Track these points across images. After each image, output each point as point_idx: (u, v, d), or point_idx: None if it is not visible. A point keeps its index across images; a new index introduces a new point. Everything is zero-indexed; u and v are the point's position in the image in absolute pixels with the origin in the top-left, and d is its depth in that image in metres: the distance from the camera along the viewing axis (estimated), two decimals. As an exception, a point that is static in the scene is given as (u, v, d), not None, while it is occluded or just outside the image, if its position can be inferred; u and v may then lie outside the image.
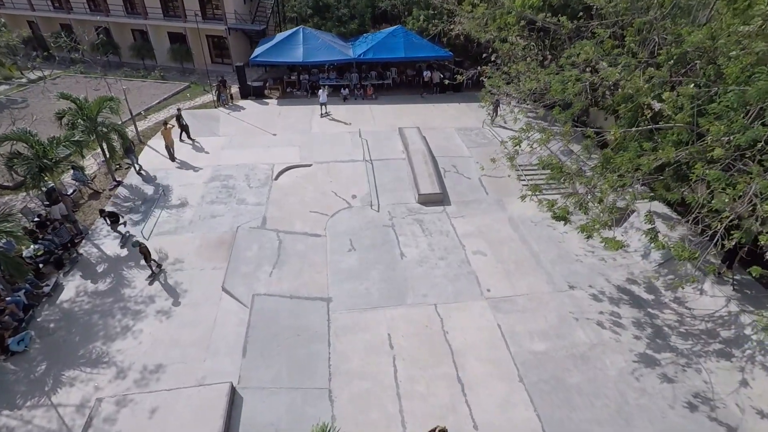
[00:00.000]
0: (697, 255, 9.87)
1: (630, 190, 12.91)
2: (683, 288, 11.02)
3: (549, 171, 12.82)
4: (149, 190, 16.63)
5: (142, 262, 12.61)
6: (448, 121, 22.50)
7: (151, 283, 12.53)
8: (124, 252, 13.76)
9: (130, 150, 17.04)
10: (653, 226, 11.24)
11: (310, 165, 18.43)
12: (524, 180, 18.01)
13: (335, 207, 16.32)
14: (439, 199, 16.86)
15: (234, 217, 15.24)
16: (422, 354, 11.16)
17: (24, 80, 27.45)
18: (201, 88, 25.62)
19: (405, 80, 27.15)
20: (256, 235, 14.46)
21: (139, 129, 21.04)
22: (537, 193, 12.71)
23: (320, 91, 22.28)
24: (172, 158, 18.17)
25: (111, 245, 13.99)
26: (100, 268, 13.14)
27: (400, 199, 16.89)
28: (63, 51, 26.43)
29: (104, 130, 15.54)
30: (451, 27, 22.24)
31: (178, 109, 20.41)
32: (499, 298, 12.84)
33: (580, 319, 12.33)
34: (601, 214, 11.00)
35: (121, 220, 14.47)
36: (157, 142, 19.74)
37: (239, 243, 13.98)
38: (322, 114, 22.27)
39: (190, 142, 19.68)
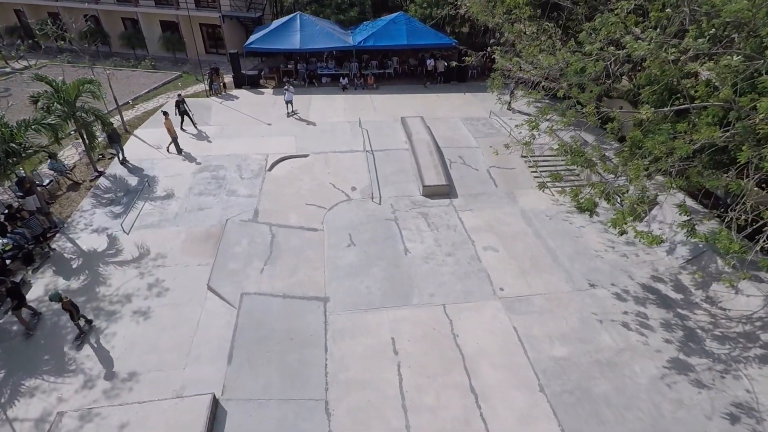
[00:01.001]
0: (744, 249, 8.65)
1: (660, 177, 11.74)
2: (733, 284, 9.78)
3: (566, 158, 11.59)
4: (133, 181, 15.41)
5: (122, 256, 11.43)
6: (453, 111, 21.31)
7: (79, 347, 9.73)
8: (102, 245, 12.55)
9: (115, 139, 15.82)
10: (690, 217, 10.05)
11: (306, 155, 17.23)
12: (536, 171, 16.81)
13: (333, 199, 15.12)
14: (446, 191, 15.66)
15: (223, 209, 14.03)
16: (430, 360, 9.96)
17: (8, 69, 26.22)
18: (193, 78, 24.43)
19: (407, 70, 25.95)
20: (246, 228, 13.26)
21: (126, 118, 19.83)
22: (556, 181, 11.49)
23: (285, 87, 19.89)
24: (179, 151, 16.96)
25: (87, 239, 12.77)
26: (73, 264, 11.93)
27: (403, 192, 15.69)
28: (49, 39, 25.24)
29: (83, 116, 14.32)
30: (456, 11, 21.01)
31: (179, 95, 19.22)
32: (513, 298, 11.64)
33: (604, 321, 11.14)
34: (634, 205, 9.79)
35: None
36: (144, 132, 18.55)
37: (228, 237, 12.78)
38: (288, 113, 20.14)
39: (195, 131, 18.56)
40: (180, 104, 18.28)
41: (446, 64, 23.81)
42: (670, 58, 9.44)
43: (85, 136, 14.63)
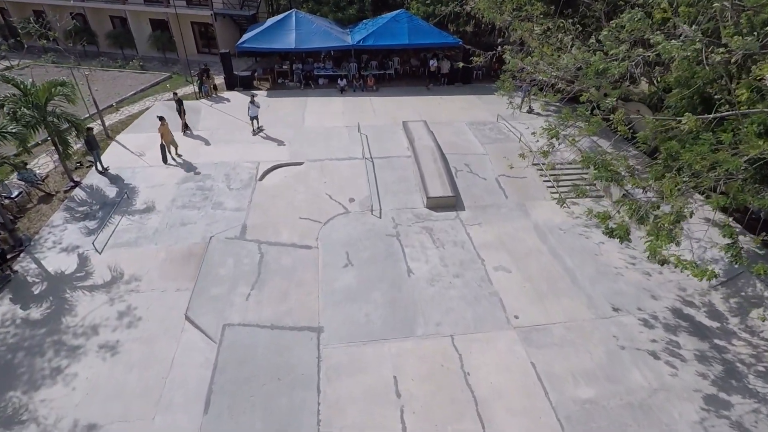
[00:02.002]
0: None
1: (696, 195, 10.48)
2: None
3: (592, 172, 10.29)
4: (111, 192, 14.14)
5: (93, 280, 10.16)
6: (457, 114, 20.04)
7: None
8: (70, 267, 11.27)
9: (93, 146, 14.53)
10: (735, 240, 8.78)
11: (301, 163, 15.96)
12: (549, 181, 15.54)
13: (330, 212, 13.85)
14: (452, 203, 14.39)
15: (208, 224, 12.76)
16: (437, 404, 8.69)
17: (-11, 70, 24.89)
18: (183, 79, 23.13)
19: (409, 70, 24.68)
20: (232, 247, 11.98)
21: (108, 123, 18.56)
22: (578, 196, 10.21)
23: (250, 101, 17.26)
24: (164, 159, 15.56)
25: (55, 260, 11.49)
26: (36, 289, 10.65)
27: (406, 203, 14.42)
28: (32, 38, 23.94)
29: (55, 121, 13.05)
30: (461, 8, 19.73)
31: (175, 94, 17.96)
32: (529, 327, 10.37)
33: (633, 354, 9.88)
34: (669, 226, 8.50)
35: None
36: (127, 137, 17.27)
37: (211, 257, 11.51)
38: (254, 131, 17.69)
39: (190, 132, 17.45)
40: (180, 103, 17.18)
41: (451, 64, 22.51)
42: (716, 59, 8.16)
43: (57, 144, 13.33)
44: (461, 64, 16.10)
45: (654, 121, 9.24)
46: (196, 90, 20.93)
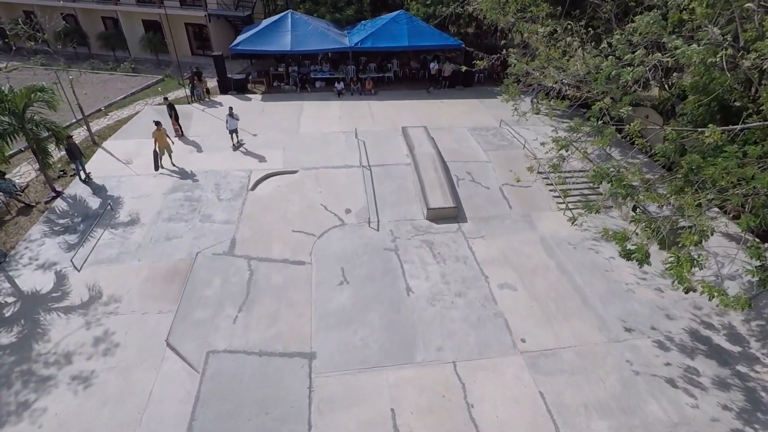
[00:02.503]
0: None
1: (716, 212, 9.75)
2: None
3: (609, 187, 9.50)
4: (95, 203, 13.41)
5: (69, 301, 9.43)
6: (459, 119, 19.32)
7: None
8: (46, 286, 10.55)
9: (75, 154, 13.80)
10: (763, 262, 8.06)
11: (295, 171, 15.23)
12: (555, 190, 14.80)
13: (325, 224, 13.13)
14: (453, 214, 13.67)
15: (195, 239, 12.03)
16: (439, 441, 7.97)
17: (-24, 73, 24.18)
18: (176, 82, 22.41)
19: (408, 73, 23.95)
20: (220, 264, 11.26)
21: (96, 128, 17.86)
22: (591, 212, 9.47)
23: (228, 114, 16.01)
24: (156, 167, 14.83)
25: (30, 278, 10.76)
26: (8, 311, 9.91)
27: (405, 215, 13.70)
28: (21, 40, 23.24)
29: (34, 129, 12.33)
30: (463, 9, 19.01)
31: (165, 98, 17.26)
32: (537, 353, 9.65)
33: (649, 382, 9.15)
34: (690, 247, 7.76)
35: None
36: (114, 143, 16.55)
37: (197, 276, 10.78)
38: (234, 145, 16.43)
39: (179, 136, 16.86)
40: (171, 107, 16.54)
41: (453, 67, 21.80)
42: (745, 65, 7.43)
43: (37, 153, 12.62)
44: (464, 68, 15.35)
45: (673, 133, 8.51)
46: (188, 94, 20.19)
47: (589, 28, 13.55)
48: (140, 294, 10.33)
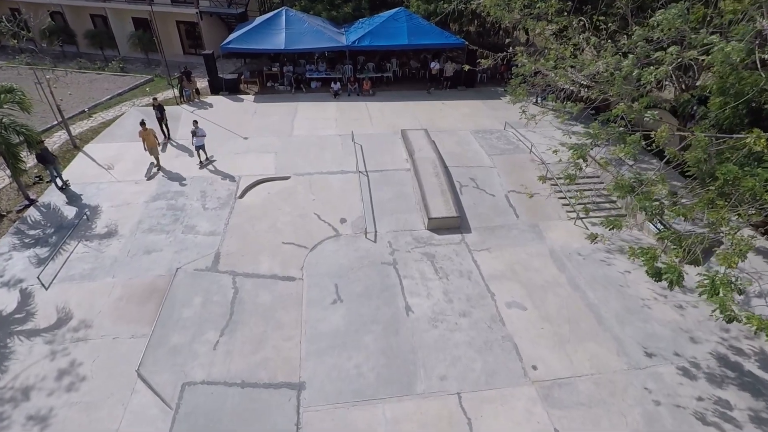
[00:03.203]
0: None
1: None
2: None
3: (634, 201, 8.54)
4: (70, 212, 12.47)
5: (34, 323, 8.47)
6: (461, 121, 18.39)
7: None
8: (9, 306, 9.59)
9: (49, 159, 12.85)
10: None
11: (287, 178, 14.29)
12: (565, 197, 13.87)
13: (318, 235, 12.19)
14: (456, 224, 12.74)
15: (176, 252, 11.08)
16: (443, 489, 7.03)
17: (-42, 73, 23.22)
18: (165, 82, 21.44)
19: (408, 73, 23.00)
20: (202, 281, 10.31)
21: (78, 131, 16.92)
22: (613, 228, 8.54)
23: (192, 130, 14.46)
24: (159, 166, 14.37)
25: (-7, 297, 9.82)
26: (-36, 337, 8.97)
27: (404, 225, 12.77)
28: (5, 38, 22.30)
29: (2, 132, 11.39)
30: (465, 6, 18.07)
31: (155, 99, 16.36)
32: (551, 382, 8.71)
33: (676, 416, 8.22)
34: (734, 273, 6.84)
35: None
36: (97, 147, 15.60)
37: (175, 295, 9.83)
38: (201, 163, 14.62)
39: (166, 140, 16.03)
40: (157, 109, 15.68)
41: (455, 67, 20.85)
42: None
43: (6, 158, 11.67)
44: (467, 67, 14.42)
45: (705, 139, 7.57)
46: (177, 95, 19.24)
47: (603, 24, 12.60)
48: (112, 315, 9.37)
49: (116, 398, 7.80)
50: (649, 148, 8.52)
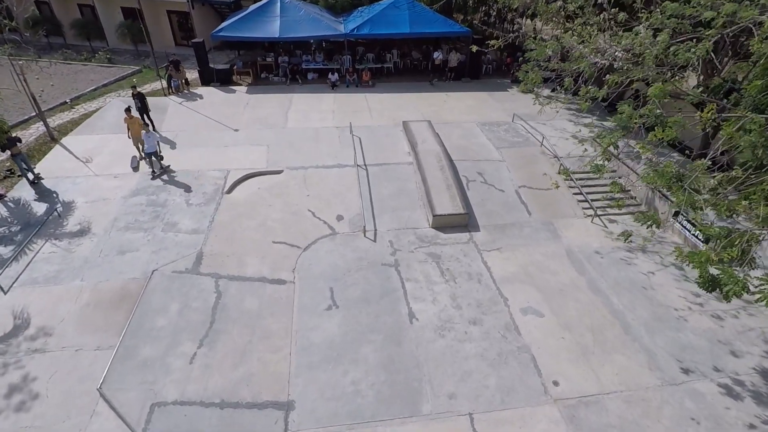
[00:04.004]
0: None
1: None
2: None
3: (675, 196, 7.43)
4: (41, 208, 11.37)
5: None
6: (466, 113, 17.30)
7: None
8: (-37, 315, 8.49)
9: (14, 150, 11.73)
10: None
11: (280, 172, 13.20)
12: (579, 193, 12.79)
13: (312, 234, 11.11)
14: (463, 221, 11.66)
15: (154, 252, 9.99)
16: None
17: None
18: (155, 73, 20.33)
19: (410, 64, 21.90)
20: (181, 284, 9.21)
21: (58, 122, 15.86)
22: (654, 226, 7.43)
23: (145, 131, 12.64)
24: (142, 156, 13.19)
25: (-56, 303, 8.70)
26: None
27: (407, 222, 11.68)
28: (-13, 28, 21.24)
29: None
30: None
31: (134, 87, 15.28)
32: (576, 400, 7.62)
33: (720, 442, 7.12)
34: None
35: None
36: (75, 139, 14.51)
37: (149, 300, 8.72)
38: (154, 173, 12.54)
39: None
40: (137, 98, 14.50)
41: (459, 57, 19.77)
42: None
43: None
44: (475, 48, 13.28)
45: (763, 121, 6.47)
46: (164, 86, 18.15)
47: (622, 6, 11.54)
48: (77, 323, 8.27)
49: (73, 422, 6.69)
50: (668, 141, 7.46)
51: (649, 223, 7.36)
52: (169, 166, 12.97)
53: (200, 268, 9.63)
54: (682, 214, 11.33)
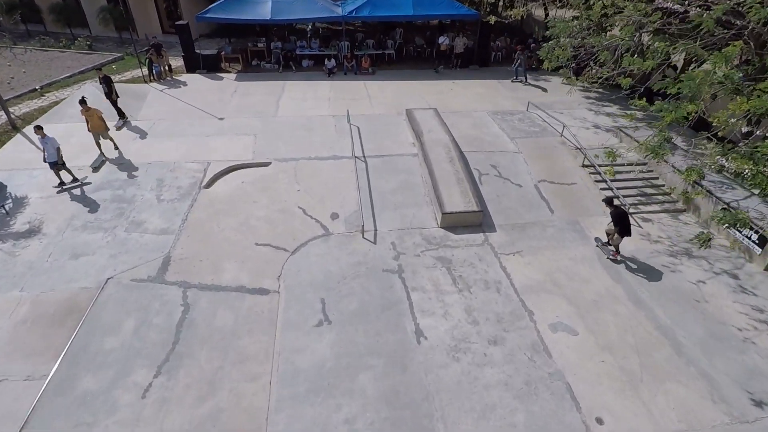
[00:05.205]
0: None
1: None
2: None
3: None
4: (-12, 204, 9.83)
5: None
6: (475, 102, 15.74)
7: None
8: None
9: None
10: None
11: (267, 164, 11.66)
12: (608, 188, 11.24)
13: (302, 235, 9.56)
14: (477, 220, 10.11)
15: (112, 256, 8.43)
16: None
17: None
18: (137, 61, 18.79)
19: (413, 51, 20.32)
20: (139, 295, 7.65)
21: (25, 110, 14.34)
22: (729, 225, 5.88)
23: (41, 138, 9.93)
24: (101, 156, 11.47)
25: None
26: None
27: (411, 221, 10.13)
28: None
29: None
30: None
31: (99, 69, 13.78)
32: (626, 445, 6.06)
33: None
34: None
35: None
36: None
37: (99, 315, 7.17)
38: (61, 185, 10.31)
39: (121, 122, 13.23)
40: (103, 81, 12.88)
41: (467, 43, 18.22)
42: None
43: None
44: (494, 19, 11.65)
45: None
46: (145, 73, 16.60)
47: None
48: (8, 345, 6.72)
49: (-21, 481, 5.15)
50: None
51: (734, 223, 5.76)
52: (85, 177, 10.60)
53: (166, 276, 8.07)
54: (728, 208, 9.76)
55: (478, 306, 8.10)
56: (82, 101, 11.24)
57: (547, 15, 20.25)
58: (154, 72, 16.52)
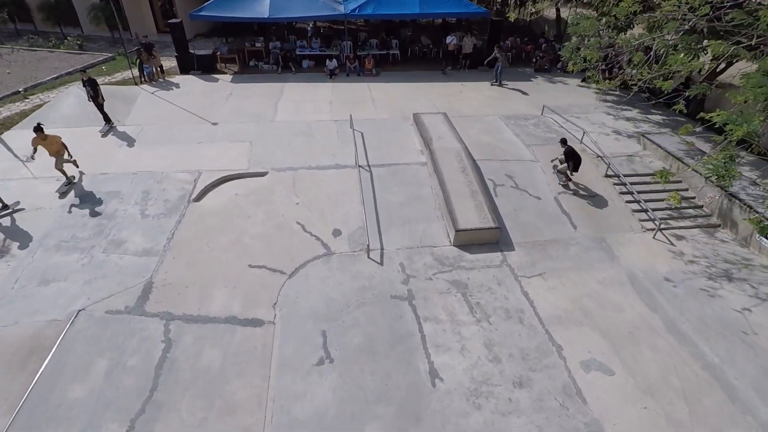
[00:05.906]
0: None
1: None
2: None
3: None
4: (-46, 220, 8.89)
5: None
6: (487, 106, 14.81)
7: None
8: None
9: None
10: None
11: (264, 174, 10.73)
12: (635, 200, 10.30)
13: (301, 255, 8.62)
14: (494, 237, 9.17)
15: (87, 282, 7.50)
16: None
17: None
18: (128, 61, 17.86)
19: (419, 52, 19.37)
20: (114, 330, 6.71)
21: (6, 114, 13.43)
22: None
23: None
24: (70, 180, 9.98)
25: None
26: None
27: (422, 239, 9.19)
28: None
29: None
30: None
31: (83, 72, 12.86)
32: None
33: None
34: None
35: None
36: (19, 134, 12.05)
37: (64, 357, 6.23)
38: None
39: (106, 128, 12.29)
40: (88, 85, 11.98)
41: (475, 42, 17.29)
42: None
43: None
44: (513, 16, 10.80)
45: None
46: (135, 74, 15.67)
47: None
48: (-43, 393, 5.79)
49: None
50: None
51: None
52: (17, 203, 9.18)
53: (146, 306, 7.12)
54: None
55: (499, 339, 7.15)
56: (38, 128, 9.50)
57: (558, 14, 19.30)
58: (145, 73, 15.60)
